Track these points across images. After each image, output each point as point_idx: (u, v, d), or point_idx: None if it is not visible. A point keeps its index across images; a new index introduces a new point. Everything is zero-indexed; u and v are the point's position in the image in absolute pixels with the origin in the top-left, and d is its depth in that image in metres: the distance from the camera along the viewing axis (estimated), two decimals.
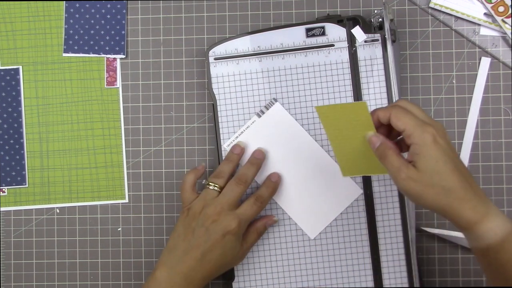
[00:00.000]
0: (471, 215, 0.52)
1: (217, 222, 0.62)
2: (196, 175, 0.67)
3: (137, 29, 0.72)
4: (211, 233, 0.62)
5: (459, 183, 0.52)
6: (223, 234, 0.62)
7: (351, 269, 0.68)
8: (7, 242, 0.73)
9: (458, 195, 0.52)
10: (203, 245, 0.62)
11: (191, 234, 0.63)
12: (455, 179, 0.52)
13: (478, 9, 0.69)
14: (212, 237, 0.62)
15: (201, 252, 0.62)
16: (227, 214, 0.63)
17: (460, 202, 0.52)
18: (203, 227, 0.62)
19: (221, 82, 0.69)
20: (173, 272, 0.62)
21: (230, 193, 0.64)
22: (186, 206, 0.65)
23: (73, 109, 0.72)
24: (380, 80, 0.68)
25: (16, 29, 0.72)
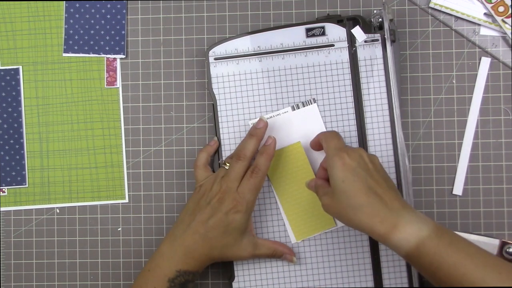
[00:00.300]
0: (381, 228, 0.55)
1: (221, 200, 0.63)
2: (208, 152, 0.68)
3: (137, 29, 0.72)
4: (216, 211, 0.63)
5: (366, 200, 0.56)
6: (226, 213, 0.63)
7: (351, 269, 0.68)
8: (7, 242, 0.73)
9: (365, 211, 0.56)
10: (207, 221, 0.63)
11: (198, 210, 0.64)
12: (361, 196, 0.56)
13: (478, 9, 0.69)
14: (216, 214, 0.63)
15: (204, 227, 0.63)
16: (230, 192, 0.63)
17: (368, 217, 0.56)
18: (209, 204, 0.64)
19: (221, 82, 0.69)
20: (176, 244, 0.64)
21: (231, 171, 0.64)
22: (199, 183, 0.67)
23: (73, 109, 0.72)
24: (380, 80, 0.68)
25: (16, 29, 0.72)
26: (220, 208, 0.63)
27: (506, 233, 0.69)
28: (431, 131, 0.70)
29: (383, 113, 0.68)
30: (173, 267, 0.63)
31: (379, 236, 0.56)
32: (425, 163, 0.70)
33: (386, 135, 0.68)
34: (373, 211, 0.56)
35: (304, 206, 0.68)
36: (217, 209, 0.63)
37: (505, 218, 0.69)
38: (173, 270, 0.63)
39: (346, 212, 0.57)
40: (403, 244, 0.55)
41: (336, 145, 0.61)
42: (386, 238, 0.56)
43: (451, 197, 0.69)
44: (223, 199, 0.63)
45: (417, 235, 0.55)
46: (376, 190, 0.57)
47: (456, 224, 0.69)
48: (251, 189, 0.64)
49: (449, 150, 0.69)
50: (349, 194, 0.57)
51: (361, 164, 0.58)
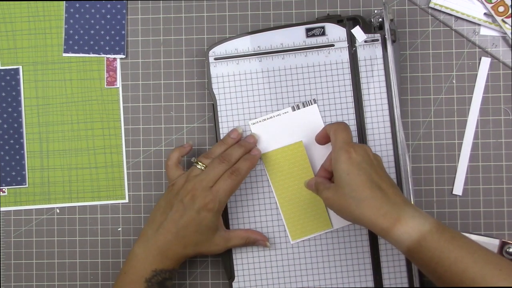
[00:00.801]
0: (383, 221, 0.56)
1: (193, 198, 0.63)
2: (180, 152, 0.68)
3: (137, 29, 0.72)
4: (187, 209, 0.63)
5: (369, 193, 0.57)
6: (198, 210, 0.63)
7: (351, 269, 0.68)
8: (7, 242, 0.73)
9: (368, 204, 0.56)
10: (179, 220, 0.63)
11: (169, 208, 0.64)
12: (366, 189, 0.57)
13: (478, 9, 0.69)
14: (188, 212, 0.63)
15: (176, 226, 0.63)
16: (204, 190, 0.63)
17: (371, 210, 0.56)
18: (181, 202, 0.63)
19: (221, 82, 0.69)
20: (149, 244, 0.64)
21: (210, 171, 0.64)
22: (171, 182, 0.66)
23: (73, 109, 0.72)
24: (380, 80, 0.68)
25: (16, 29, 0.72)
26: (192, 206, 0.63)
27: (506, 233, 0.69)
28: (431, 131, 0.70)
29: (383, 113, 0.68)
30: (148, 267, 0.63)
31: (381, 230, 0.56)
32: (425, 163, 0.70)
33: (386, 135, 0.68)
34: (376, 204, 0.56)
35: (302, 206, 0.68)
36: (189, 207, 0.63)
37: (505, 218, 0.69)
38: (148, 270, 0.63)
39: (348, 205, 0.58)
40: (405, 238, 0.55)
41: (345, 138, 0.61)
42: (388, 232, 0.56)
43: (451, 197, 0.69)
44: (195, 197, 0.63)
45: (419, 229, 0.55)
46: (380, 185, 0.58)
47: (456, 224, 0.69)
48: (226, 189, 0.64)
49: (449, 150, 0.69)
50: (353, 187, 0.57)
51: (366, 160, 0.59)
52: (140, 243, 0.64)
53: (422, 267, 0.56)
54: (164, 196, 0.66)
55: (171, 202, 0.64)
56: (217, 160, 0.65)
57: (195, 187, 0.63)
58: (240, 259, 0.69)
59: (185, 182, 0.65)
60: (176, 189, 0.65)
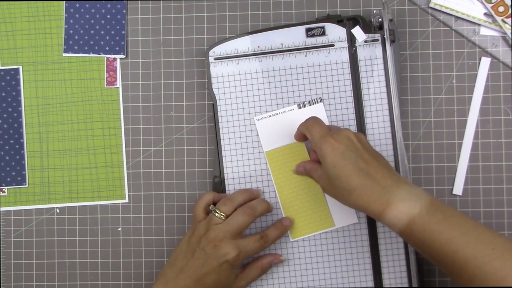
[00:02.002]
0: (375, 207, 0.57)
1: (216, 248, 0.62)
2: (214, 198, 0.67)
3: (137, 29, 0.72)
4: (209, 258, 0.62)
5: (358, 182, 0.57)
6: (220, 262, 0.62)
7: (351, 269, 0.68)
8: (7, 242, 0.73)
9: (359, 193, 0.57)
10: (200, 268, 0.62)
11: (191, 254, 0.63)
12: (354, 179, 0.58)
13: (478, 9, 0.69)
14: (209, 261, 0.62)
15: (196, 274, 0.62)
16: (228, 242, 0.62)
17: (363, 199, 0.57)
18: (203, 250, 0.62)
19: (221, 82, 0.69)
20: (168, 286, 0.63)
21: (234, 221, 0.63)
22: (195, 223, 0.65)
23: (73, 109, 0.72)
24: (380, 80, 0.68)
25: (16, 29, 0.72)
26: (214, 256, 0.62)
27: (506, 233, 0.69)
28: (431, 131, 0.70)
29: (383, 113, 0.68)
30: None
31: (374, 215, 0.57)
32: (425, 163, 0.70)
33: (386, 135, 0.68)
34: (366, 191, 0.57)
35: (304, 204, 0.68)
36: (211, 256, 0.62)
37: (505, 218, 0.69)
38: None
39: (342, 195, 0.59)
40: (396, 222, 0.56)
41: (320, 132, 0.61)
42: (380, 216, 0.57)
43: (451, 197, 0.69)
44: (218, 248, 0.62)
45: (408, 212, 0.56)
46: (368, 170, 0.58)
47: None
48: (252, 250, 0.64)
49: (449, 150, 0.69)
50: (342, 179, 0.58)
51: (349, 146, 0.59)
52: (160, 283, 0.63)
53: (416, 248, 0.57)
54: (185, 239, 0.65)
55: (193, 247, 0.63)
56: (240, 212, 0.64)
57: (218, 237, 0.62)
58: None
59: (206, 229, 0.63)
60: (198, 234, 0.64)
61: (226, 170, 0.69)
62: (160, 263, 0.71)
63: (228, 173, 0.69)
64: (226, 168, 0.69)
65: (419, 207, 0.56)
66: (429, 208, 0.55)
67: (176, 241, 0.71)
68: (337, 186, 0.59)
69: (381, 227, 0.68)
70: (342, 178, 0.58)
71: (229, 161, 0.69)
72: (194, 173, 0.71)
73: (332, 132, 0.61)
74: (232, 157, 0.69)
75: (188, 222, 0.71)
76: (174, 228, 0.71)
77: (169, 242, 0.71)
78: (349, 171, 0.58)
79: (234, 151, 0.69)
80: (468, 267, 0.52)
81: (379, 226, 0.68)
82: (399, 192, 0.57)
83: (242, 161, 0.69)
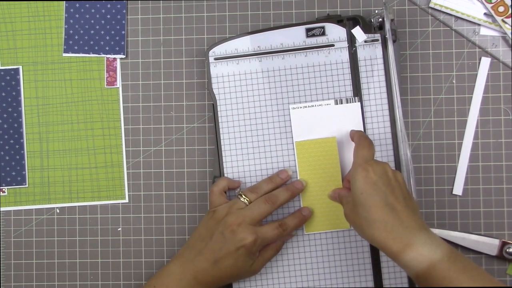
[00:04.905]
0: (393, 245, 0.55)
1: (234, 233, 0.62)
2: (229, 183, 0.67)
3: (137, 29, 0.72)
4: (227, 242, 0.62)
5: (381, 215, 0.56)
6: (237, 247, 0.62)
7: (351, 269, 0.68)
8: (7, 242, 0.73)
9: (379, 227, 0.56)
10: (217, 251, 0.63)
11: (209, 237, 0.64)
12: (378, 211, 0.56)
13: (478, 9, 0.69)
14: (227, 246, 0.62)
15: (214, 257, 0.63)
16: (246, 227, 0.63)
17: (382, 233, 0.56)
18: (221, 234, 0.63)
19: (221, 82, 0.69)
20: (185, 268, 0.63)
21: (255, 208, 0.64)
22: (212, 208, 0.66)
23: (73, 109, 0.72)
24: (380, 80, 0.68)
25: (16, 29, 0.72)
26: (231, 241, 0.62)
27: (506, 233, 0.69)
28: (431, 131, 0.70)
29: (383, 113, 0.68)
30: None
31: (391, 253, 0.56)
32: (425, 163, 0.70)
33: (386, 135, 0.68)
34: (387, 227, 0.56)
35: (324, 200, 0.67)
36: (229, 241, 0.62)
37: (505, 218, 0.69)
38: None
39: (361, 224, 0.58)
40: (414, 264, 0.54)
41: (365, 156, 0.60)
42: (397, 256, 0.55)
43: (451, 197, 0.69)
44: (236, 233, 0.62)
45: (429, 257, 0.54)
46: (395, 207, 0.57)
47: (456, 224, 0.69)
48: (270, 237, 0.64)
49: (449, 150, 0.69)
50: (366, 208, 0.57)
51: (383, 179, 0.58)
52: (177, 263, 0.64)
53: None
54: (204, 222, 0.65)
55: (211, 230, 0.64)
56: (262, 200, 0.64)
57: (237, 221, 0.63)
58: None
59: (227, 213, 0.64)
60: (217, 217, 0.64)
61: (226, 170, 0.69)
62: (160, 263, 0.71)
63: (228, 173, 0.69)
64: (226, 168, 0.69)
65: (441, 253, 0.54)
66: (450, 256, 0.54)
67: (176, 241, 0.71)
68: (360, 215, 0.58)
69: None
70: (366, 207, 0.57)
71: (229, 161, 0.69)
72: (194, 173, 0.71)
73: (374, 161, 0.60)
74: (232, 157, 0.69)
75: (188, 222, 0.71)
76: (174, 228, 0.71)
77: (169, 242, 0.71)
78: (375, 202, 0.57)
79: (234, 151, 0.69)
80: None
81: None
82: (421, 235, 0.55)
83: (242, 161, 0.69)
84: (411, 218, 0.56)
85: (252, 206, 0.64)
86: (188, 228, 0.71)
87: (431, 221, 0.69)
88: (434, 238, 0.56)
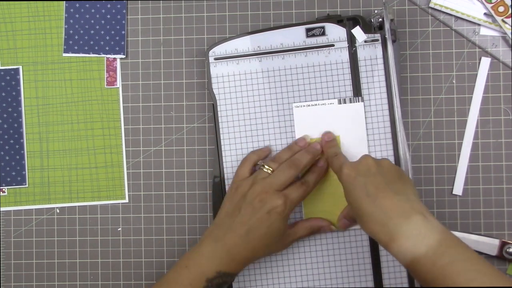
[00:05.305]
0: (381, 237, 0.55)
1: (263, 201, 0.62)
2: (259, 156, 0.68)
3: (137, 29, 0.72)
4: (257, 211, 0.62)
5: (365, 208, 0.56)
6: (269, 212, 0.62)
7: (351, 269, 0.68)
8: (7, 242, 0.73)
9: (367, 220, 0.56)
10: (248, 222, 0.62)
11: (238, 211, 0.63)
12: (361, 205, 0.56)
13: (478, 9, 0.69)
14: (258, 215, 0.62)
15: (246, 229, 0.62)
16: (274, 193, 0.63)
17: (370, 226, 0.56)
18: (250, 204, 0.63)
19: (221, 82, 0.69)
20: (217, 245, 0.62)
21: (280, 174, 0.64)
22: (236, 182, 0.66)
23: (73, 109, 0.72)
24: (380, 80, 0.68)
25: (16, 29, 0.72)
26: (261, 209, 0.62)
27: (506, 233, 0.69)
28: (431, 131, 0.70)
29: (383, 113, 0.68)
30: (213, 267, 0.62)
31: (381, 244, 0.56)
32: (425, 163, 0.70)
33: (386, 135, 0.68)
34: (373, 219, 0.55)
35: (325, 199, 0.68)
36: (258, 209, 0.62)
37: (505, 218, 0.69)
38: (213, 271, 0.62)
39: (358, 221, 0.58)
40: (399, 258, 0.54)
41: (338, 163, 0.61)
42: (386, 247, 0.55)
43: (451, 197, 0.69)
44: (265, 200, 0.62)
45: (412, 251, 0.53)
46: (376, 196, 0.56)
47: (456, 224, 0.69)
48: (296, 197, 0.64)
49: (449, 150, 0.69)
50: (353, 204, 0.58)
51: (362, 171, 0.58)
52: (208, 242, 0.63)
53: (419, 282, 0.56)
54: (228, 199, 0.65)
55: (239, 204, 0.64)
56: (286, 165, 0.64)
57: (264, 189, 0.63)
58: None
59: (252, 184, 0.64)
60: (242, 191, 0.64)
61: (226, 170, 0.69)
62: (160, 263, 0.71)
63: (228, 173, 0.69)
64: (226, 168, 0.69)
65: (426, 247, 0.53)
66: (437, 250, 0.52)
67: (176, 241, 0.71)
68: (354, 213, 0.58)
69: None
70: (352, 204, 0.58)
71: (229, 161, 0.69)
72: (194, 173, 0.71)
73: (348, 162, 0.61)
74: (232, 157, 0.69)
75: (188, 222, 0.71)
76: (174, 228, 0.71)
77: (169, 242, 0.71)
78: (356, 196, 0.57)
79: (234, 151, 0.69)
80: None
81: None
82: (406, 227, 0.54)
83: None
84: (396, 205, 0.55)
85: (276, 173, 0.64)
86: (188, 228, 0.71)
87: None
88: (422, 226, 0.54)
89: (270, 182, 0.63)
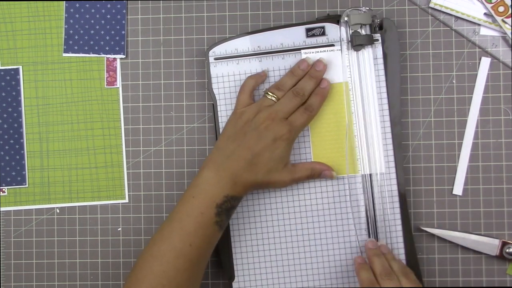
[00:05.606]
0: None
1: (269, 128, 0.63)
2: (257, 81, 0.68)
3: (137, 29, 0.72)
4: (263, 138, 0.63)
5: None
6: (274, 139, 0.63)
7: (351, 269, 0.68)
8: (7, 242, 0.73)
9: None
10: (253, 147, 0.63)
11: (243, 136, 0.64)
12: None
13: (478, 9, 0.69)
14: (263, 140, 0.63)
15: (251, 153, 0.63)
16: (280, 121, 0.64)
17: None
18: (255, 130, 0.64)
19: (221, 82, 0.69)
20: (220, 170, 0.63)
21: (285, 103, 0.65)
22: (239, 108, 0.66)
23: (73, 109, 0.72)
24: (380, 80, 0.68)
25: (16, 29, 0.72)
26: (267, 135, 0.63)
27: (506, 233, 0.69)
28: (431, 131, 0.70)
29: (383, 113, 0.68)
30: (220, 192, 0.62)
31: None
32: (425, 163, 0.70)
33: (386, 135, 0.68)
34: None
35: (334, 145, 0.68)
36: (264, 135, 0.63)
37: (505, 218, 0.69)
38: (221, 196, 0.62)
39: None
40: None
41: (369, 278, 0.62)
42: None
43: (451, 197, 0.69)
44: (271, 126, 0.63)
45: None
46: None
47: (456, 224, 0.69)
48: (301, 123, 0.65)
49: (449, 150, 0.69)
50: None
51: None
52: (210, 168, 0.63)
53: None
54: (231, 124, 0.66)
55: (243, 130, 0.64)
56: (291, 94, 0.65)
57: (270, 117, 0.64)
58: (240, 259, 0.69)
59: (257, 111, 0.65)
60: (246, 117, 0.65)
61: None
62: None
63: None
64: None
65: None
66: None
67: None
68: None
69: (381, 227, 0.68)
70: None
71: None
72: (194, 173, 0.71)
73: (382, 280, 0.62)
74: None
75: None
76: None
77: None
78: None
79: None
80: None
81: (379, 226, 0.68)
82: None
83: None
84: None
85: (282, 101, 0.65)
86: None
87: (431, 221, 0.69)
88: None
89: (275, 110, 0.64)
